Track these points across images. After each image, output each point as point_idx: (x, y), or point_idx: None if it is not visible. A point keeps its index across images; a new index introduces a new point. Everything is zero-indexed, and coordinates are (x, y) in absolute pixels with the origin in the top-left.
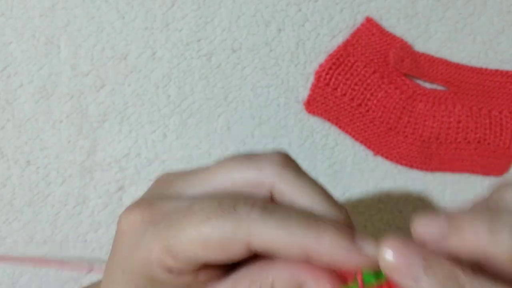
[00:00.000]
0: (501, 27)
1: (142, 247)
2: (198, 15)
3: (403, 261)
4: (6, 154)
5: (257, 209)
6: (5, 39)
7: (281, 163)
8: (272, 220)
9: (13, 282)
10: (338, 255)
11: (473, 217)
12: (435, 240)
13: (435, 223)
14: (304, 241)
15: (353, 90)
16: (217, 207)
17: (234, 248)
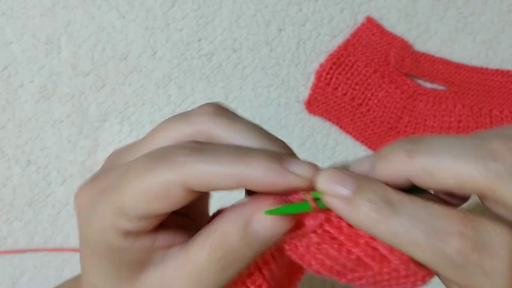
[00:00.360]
0: (501, 27)
1: (95, 218)
2: (199, 15)
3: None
4: (7, 154)
5: (186, 150)
6: (5, 38)
7: (213, 111)
8: (203, 156)
9: (14, 282)
10: (269, 178)
11: (394, 146)
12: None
13: (366, 160)
14: (235, 170)
15: (353, 90)
16: (149, 159)
17: (174, 193)
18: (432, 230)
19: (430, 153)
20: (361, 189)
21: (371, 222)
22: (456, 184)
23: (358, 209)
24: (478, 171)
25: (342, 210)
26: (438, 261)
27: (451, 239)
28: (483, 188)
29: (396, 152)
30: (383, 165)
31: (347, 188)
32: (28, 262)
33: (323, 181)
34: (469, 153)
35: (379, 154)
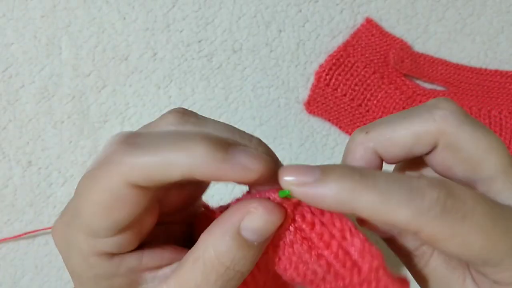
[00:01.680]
0: (501, 28)
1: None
2: (199, 16)
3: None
4: (8, 155)
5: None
6: (6, 40)
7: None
8: (138, 149)
9: (14, 282)
10: (213, 168)
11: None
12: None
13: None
14: (176, 160)
15: (353, 91)
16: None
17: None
18: (409, 189)
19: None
20: (328, 169)
21: (346, 195)
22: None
23: (330, 186)
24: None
25: (314, 194)
26: (420, 217)
27: (427, 191)
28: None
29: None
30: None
31: (313, 174)
32: (29, 263)
33: (287, 174)
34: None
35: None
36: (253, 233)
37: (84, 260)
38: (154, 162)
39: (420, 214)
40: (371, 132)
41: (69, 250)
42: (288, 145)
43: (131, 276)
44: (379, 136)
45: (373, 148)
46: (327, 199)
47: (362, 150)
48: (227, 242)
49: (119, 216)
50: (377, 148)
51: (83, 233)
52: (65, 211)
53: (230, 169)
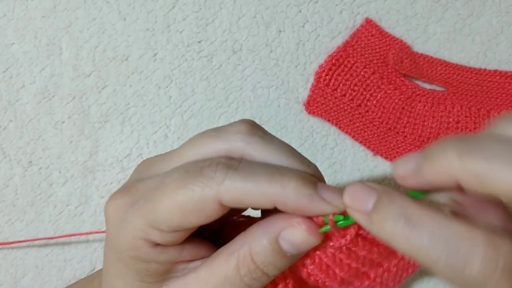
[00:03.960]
0: (500, 28)
1: (126, 228)
2: (199, 16)
3: (357, 199)
4: (9, 155)
5: (222, 167)
6: (7, 40)
7: (247, 130)
8: (238, 174)
9: (15, 282)
10: (302, 202)
11: (444, 145)
12: (412, 175)
13: (411, 159)
14: (269, 190)
15: (352, 91)
16: (185, 174)
17: (208, 208)
18: (453, 250)
19: (483, 156)
20: (381, 204)
21: (390, 236)
22: (508, 193)
23: (378, 224)
24: None
25: (364, 223)
26: (457, 279)
27: (473, 261)
28: None
29: (446, 151)
30: (430, 165)
31: (368, 202)
32: (30, 262)
33: (347, 196)
34: None
35: (427, 153)
36: (289, 245)
37: (133, 242)
38: (249, 190)
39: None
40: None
41: (120, 227)
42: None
43: (167, 264)
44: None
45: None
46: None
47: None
48: (264, 243)
49: (191, 222)
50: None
51: (146, 220)
52: (131, 191)
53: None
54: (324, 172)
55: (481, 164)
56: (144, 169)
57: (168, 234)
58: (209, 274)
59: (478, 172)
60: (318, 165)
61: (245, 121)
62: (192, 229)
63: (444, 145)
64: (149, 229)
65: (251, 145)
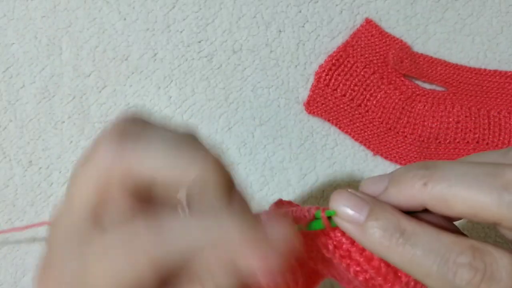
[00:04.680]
0: (500, 28)
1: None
2: (199, 16)
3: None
4: (9, 155)
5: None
6: (7, 40)
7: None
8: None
9: (15, 281)
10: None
11: (410, 174)
12: (378, 193)
13: (378, 180)
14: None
15: (352, 91)
16: None
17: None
18: (443, 261)
19: (445, 182)
20: (374, 215)
21: (383, 249)
22: (471, 213)
23: (370, 236)
24: (492, 202)
25: (354, 234)
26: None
27: (461, 271)
28: (497, 218)
29: (411, 179)
30: (396, 190)
31: (360, 213)
32: (30, 262)
33: (336, 204)
34: (484, 184)
35: (393, 178)
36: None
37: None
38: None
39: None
40: (429, 186)
41: None
42: (288, 145)
43: None
44: (435, 196)
45: (423, 201)
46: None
47: (413, 200)
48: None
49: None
50: (428, 203)
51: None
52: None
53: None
54: (324, 172)
55: (443, 189)
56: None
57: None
58: None
59: (441, 197)
60: (318, 165)
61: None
62: None
63: (409, 173)
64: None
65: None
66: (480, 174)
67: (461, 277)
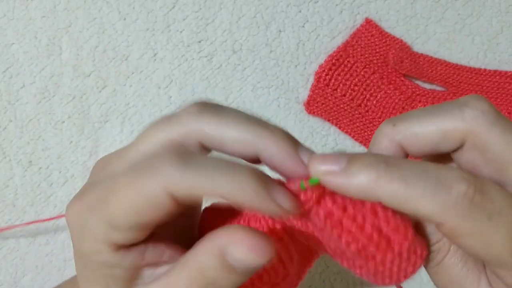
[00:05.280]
0: (500, 28)
1: (87, 233)
2: (199, 16)
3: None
4: (9, 155)
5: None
6: (7, 40)
7: (198, 109)
8: (189, 168)
9: (15, 281)
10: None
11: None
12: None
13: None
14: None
15: (352, 91)
16: (134, 171)
17: (162, 203)
18: (436, 179)
19: (413, 118)
20: (354, 158)
21: (370, 185)
22: (442, 137)
23: (354, 176)
24: (457, 120)
25: (340, 183)
26: (444, 210)
27: (455, 184)
28: (464, 135)
29: (381, 127)
30: (375, 146)
31: (340, 163)
32: (30, 262)
33: (316, 164)
34: (447, 109)
35: (370, 144)
36: (236, 262)
37: (94, 245)
38: (202, 184)
39: (444, 207)
40: (398, 125)
41: (82, 232)
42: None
43: (132, 269)
44: (406, 130)
45: (398, 141)
46: (352, 188)
47: (388, 142)
48: (211, 260)
49: (147, 220)
50: (403, 141)
51: (104, 222)
52: (86, 194)
53: (268, 206)
54: None
55: (413, 125)
56: (101, 168)
57: (128, 232)
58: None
59: (413, 131)
60: None
61: (195, 102)
62: (153, 226)
63: (379, 126)
64: (109, 230)
65: (205, 123)
66: (442, 106)
67: (457, 190)
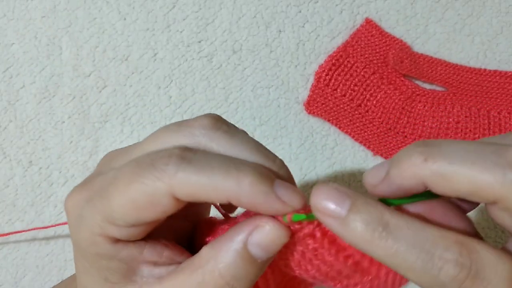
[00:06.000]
0: (500, 28)
1: (84, 224)
2: (199, 16)
3: (329, 202)
4: (9, 155)
5: (174, 159)
6: (7, 40)
7: (211, 125)
8: (191, 166)
9: (16, 281)
10: (257, 199)
11: (410, 151)
12: (382, 181)
13: (380, 167)
14: (224, 185)
15: (352, 91)
16: (137, 167)
17: (162, 202)
18: (428, 256)
19: (446, 157)
20: (355, 208)
21: (365, 243)
22: (472, 191)
23: (351, 230)
24: (496, 180)
25: (336, 228)
26: (432, 284)
27: (446, 266)
28: (498, 197)
29: (411, 155)
30: (397, 169)
31: (341, 207)
32: (30, 262)
33: (317, 198)
34: (487, 161)
35: (394, 160)
36: (260, 248)
37: (91, 237)
38: (203, 184)
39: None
40: (429, 161)
41: (79, 223)
42: (287, 145)
43: (129, 263)
44: (436, 170)
45: (424, 176)
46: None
47: (412, 174)
48: (232, 256)
49: (146, 217)
50: (428, 179)
51: (102, 216)
52: (87, 186)
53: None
54: (324, 172)
55: (444, 165)
56: (107, 162)
57: (125, 229)
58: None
59: (442, 173)
60: (318, 165)
61: (209, 115)
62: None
63: (410, 150)
64: (106, 224)
65: (215, 141)
66: (483, 152)
67: (446, 273)
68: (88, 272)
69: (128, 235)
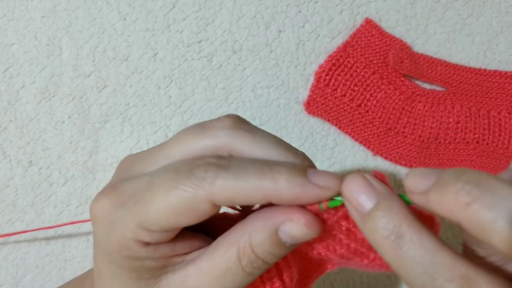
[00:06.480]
0: (500, 28)
1: (116, 229)
2: (199, 16)
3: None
4: (9, 155)
5: (212, 167)
6: (7, 40)
7: (233, 125)
8: (228, 173)
9: (16, 281)
10: (295, 192)
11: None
12: (419, 191)
13: (424, 178)
14: (262, 186)
15: (352, 91)
16: (176, 175)
17: (201, 208)
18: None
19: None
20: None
21: (375, 243)
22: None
23: (368, 228)
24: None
25: (355, 218)
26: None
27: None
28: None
29: (455, 193)
30: (437, 199)
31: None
32: (31, 262)
33: (348, 185)
34: None
35: (438, 183)
36: (289, 237)
37: (123, 241)
38: (242, 188)
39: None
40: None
41: (109, 228)
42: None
43: (162, 260)
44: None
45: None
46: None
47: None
48: (264, 236)
49: (183, 222)
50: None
51: (137, 221)
52: (118, 191)
53: (310, 191)
54: None
55: (487, 219)
56: (128, 167)
57: (158, 234)
58: (210, 266)
59: (483, 226)
60: (318, 165)
61: (230, 116)
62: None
63: (457, 182)
64: (139, 230)
65: (238, 140)
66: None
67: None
68: (117, 276)
69: (158, 239)
